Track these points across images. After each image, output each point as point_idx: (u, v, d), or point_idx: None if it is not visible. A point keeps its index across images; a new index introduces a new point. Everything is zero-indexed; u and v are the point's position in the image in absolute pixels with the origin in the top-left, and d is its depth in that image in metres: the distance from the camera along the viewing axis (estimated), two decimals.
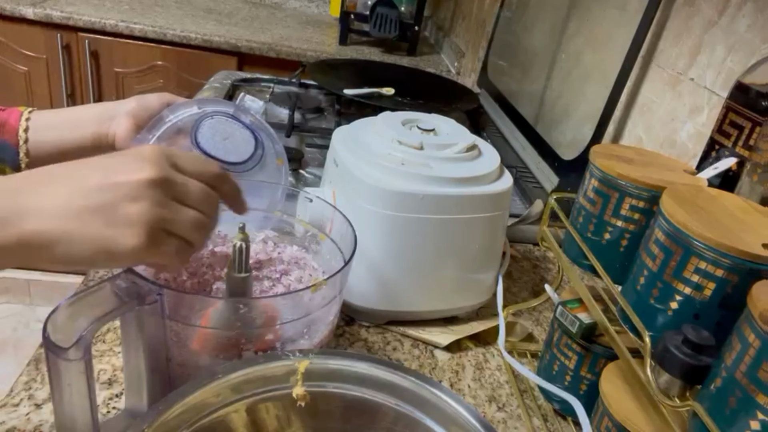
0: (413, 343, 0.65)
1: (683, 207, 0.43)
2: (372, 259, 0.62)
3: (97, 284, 0.39)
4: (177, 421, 0.35)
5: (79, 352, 0.35)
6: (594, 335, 0.55)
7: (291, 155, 0.96)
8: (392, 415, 0.40)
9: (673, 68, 0.84)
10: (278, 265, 0.56)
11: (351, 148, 0.64)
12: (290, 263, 0.57)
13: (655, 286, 0.43)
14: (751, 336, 0.33)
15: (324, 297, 0.47)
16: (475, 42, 1.82)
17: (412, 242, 0.61)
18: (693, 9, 0.81)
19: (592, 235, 0.54)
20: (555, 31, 1.15)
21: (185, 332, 0.44)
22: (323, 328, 0.50)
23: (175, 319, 0.43)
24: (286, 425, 0.41)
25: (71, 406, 0.37)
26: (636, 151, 0.57)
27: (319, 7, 2.50)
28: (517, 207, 0.96)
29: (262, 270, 0.55)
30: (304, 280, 0.56)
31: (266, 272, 0.55)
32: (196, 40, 1.80)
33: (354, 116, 0.97)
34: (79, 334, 0.35)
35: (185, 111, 0.61)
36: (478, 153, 0.67)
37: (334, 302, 0.50)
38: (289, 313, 0.46)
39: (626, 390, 0.48)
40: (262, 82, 1.37)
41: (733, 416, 0.34)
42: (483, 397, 0.60)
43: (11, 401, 0.49)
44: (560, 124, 1.05)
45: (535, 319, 0.74)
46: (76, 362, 0.35)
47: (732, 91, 0.56)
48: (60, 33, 1.77)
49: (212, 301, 0.47)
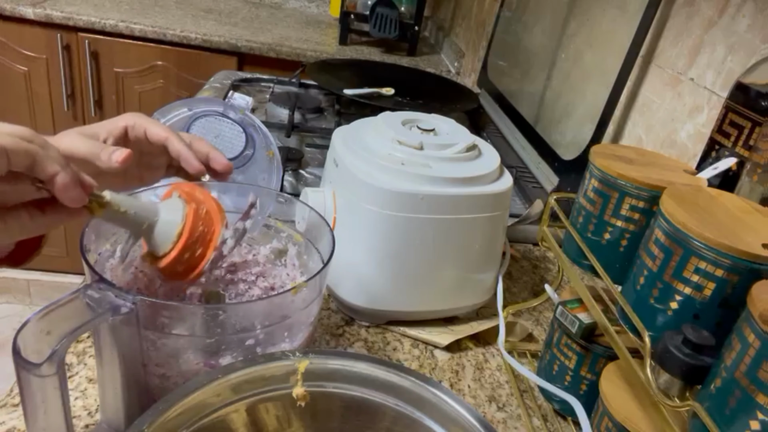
0: (413, 343, 0.66)
1: (683, 207, 0.43)
2: (372, 259, 0.62)
3: (67, 297, 0.38)
4: (177, 421, 0.35)
5: (53, 367, 0.34)
6: (594, 335, 0.55)
7: (291, 155, 0.96)
8: (392, 415, 0.40)
9: (673, 68, 0.84)
10: (253, 267, 0.55)
11: (351, 148, 0.64)
12: (266, 264, 0.56)
13: (655, 286, 0.43)
14: (751, 336, 0.33)
15: (304, 299, 0.46)
16: (475, 42, 1.82)
17: (412, 242, 0.61)
18: (693, 9, 0.81)
19: (592, 235, 0.54)
20: (555, 31, 1.15)
21: (161, 341, 0.43)
22: (304, 330, 0.50)
23: (151, 328, 0.42)
24: (286, 425, 0.41)
25: (46, 423, 0.36)
26: (636, 151, 0.57)
27: (319, 7, 2.50)
28: (517, 207, 0.96)
29: (237, 273, 0.54)
30: (281, 283, 0.55)
31: (241, 275, 0.54)
32: (196, 40, 1.80)
33: (354, 116, 0.97)
34: (52, 349, 0.34)
35: (176, 114, 0.62)
36: (478, 153, 0.67)
37: (314, 304, 0.49)
38: (268, 318, 0.45)
39: (626, 390, 0.48)
40: (262, 82, 1.37)
41: (733, 416, 0.34)
42: (483, 397, 0.60)
43: (11, 401, 0.49)
44: (560, 124, 1.05)
45: (535, 319, 0.74)
46: (50, 378, 0.34)
47: (732, 91, 0.56)
48: (60, 33, 1.77)
49: (189, 308, 0.46)
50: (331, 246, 0.50)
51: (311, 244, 0.55)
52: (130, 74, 1.85)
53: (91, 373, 0.53)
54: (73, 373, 0.53)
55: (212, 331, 0.43)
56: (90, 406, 0.50)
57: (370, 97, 1.21)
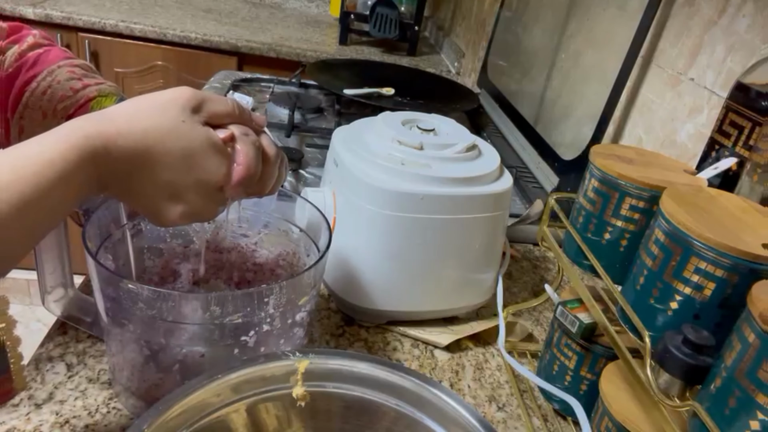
0: (413, 343, 0.65)
1: (683, 207, 0.43)
2: (372, 259, 0.62)
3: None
4: (177, 421, 0.35)
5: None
6: (594, 335, 0.55)
7: (291, 155, 0.96)
8: (392, 415, 0.40)
9: (673, 68, 0.84)
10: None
11: (351, 148, 0.64)
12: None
13: (655, 286, 0.43)
14: (751, 336, 0.33)
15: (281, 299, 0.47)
16: (475, 42, 1.82)
17: (412, 242, 0.61)
18: (693, 9, 0.81)
19: (592, 235, 0.54)
20: (555, 31, 1.15)
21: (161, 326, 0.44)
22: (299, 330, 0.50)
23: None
24: (286, 425, 0.41)
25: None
26: (636, 151, 0.57)
27: (319, 7, 2.50)
28: (517, 207, 0.96)
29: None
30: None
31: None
32: (196, 40, 1.80)
33: (354, 116, 0.97)
34: None
35: None
36: (478, 153, 0.67)
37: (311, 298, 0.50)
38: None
39: (626, 390, 0.48)
40: (262, 82, 1.37)
41: (733, 416, 0.34)
42: (483, 397, 0.60)
43: (11, 401, 0.49)
44: (560, 124, 1.05)
45: (535, 319, 0.74)
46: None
47: (732, 91, 0.56)
48: (60, 33, 1.77)
49: (184, 294, 0.47)
50: (328, 239, 0.50)
51: (312, 241, 0.55)
52: (131, 74, 1.85)
53: (91, 373, 0.53)
54: (73, 373, 0.53)
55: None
56: (90, 406, 0.50)
57: (370, 97, 1.21)
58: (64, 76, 0.62)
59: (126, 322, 0.45)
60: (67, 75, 0.62)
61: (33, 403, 0.49)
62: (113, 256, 0.51)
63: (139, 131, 0.38)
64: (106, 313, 0.46)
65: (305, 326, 0.51)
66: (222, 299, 0.44)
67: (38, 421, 0.48)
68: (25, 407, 0.49)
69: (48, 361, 0.54)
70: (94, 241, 0.47)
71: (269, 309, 0.45)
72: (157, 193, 0.40)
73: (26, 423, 0.47)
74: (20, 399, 0.49)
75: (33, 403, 0.49)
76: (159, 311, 0.43)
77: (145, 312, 0.43)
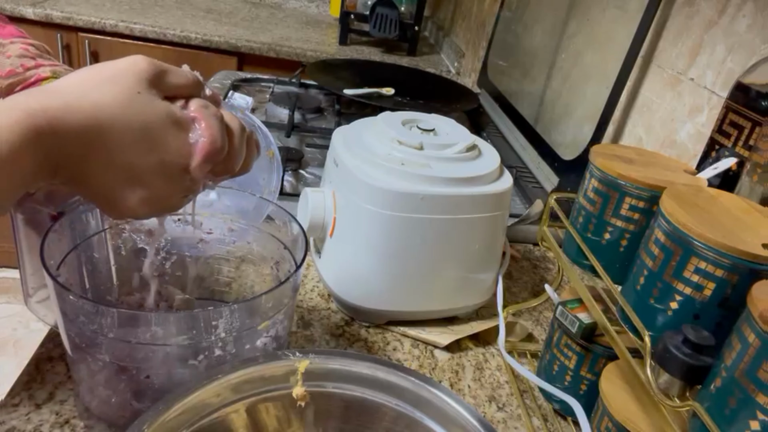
0: (413, 343, 0.66)
1: (683, 207, 0.43)
2: (372, 259, 0.62)
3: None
4: (177, 421, 0.35)
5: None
6: (594, 335, 0.55)
7: (291, 155, 0.96)
8: (392, 415, 0.40)
9: (673, 68, 0.84)
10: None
11: (351, 148, 0.64)
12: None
13: (655, 286, 0.43)
14: (751, 336, 0.33)
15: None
16: (475, 42, 1.82)
17: (412, 242, 0.61)
18: (693, 9, 0.81)
19: (592, 235, 0.54)
20: (555, 31, 1.15)
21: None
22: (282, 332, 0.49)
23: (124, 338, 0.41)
24: (286, 425, 0.41)
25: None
26: (636, 151, 0.57)
27: (319, 7, 2.50)
28: (517, 207, 0.96)
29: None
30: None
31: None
32: (196, 40, 1.80)
33: (354, 116, 0.97)
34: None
35: None
36: (478, 153, 0.67)
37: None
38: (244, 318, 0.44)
39: (626, 390, 0.48)
40: (262, 82, 1.37)
41: (733, 416, 0.34)
42: (483, 397, 0.60)
43: (11, 401, 0.49)
44: (560, 124, 1.05)
45: (535, 319, 0.74)
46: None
47: (732, 91, 0.56)
48: (60, 33, 1.77)
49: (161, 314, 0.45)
50: (304, 249, 0.48)
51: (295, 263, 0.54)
52: None
53: None
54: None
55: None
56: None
57: (370, 97, 1.21)
58: (17, 52, 0.58)
59: (72, 335, 0.43)
60: (20, 51, 0.58)
61: (33, 403, 0.49)
62: (76, 265, 0.48)
63: (88, 105, 0.33)
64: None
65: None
66: (163, 319, 0.41)
67: (38, 421, 0.48)
68: (25, 407, 0.49)
69: (48, 361, 0.53)
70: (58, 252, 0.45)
71: (220, 333, 0.42)
72: (113, 176, 0.35)
73: (26, 423, 0.47)
74: (20, 399, 0.49)
75: (33, 403, 0.49)
76: (99, 326, 0.40)
77: (87, 326, 0.40)
